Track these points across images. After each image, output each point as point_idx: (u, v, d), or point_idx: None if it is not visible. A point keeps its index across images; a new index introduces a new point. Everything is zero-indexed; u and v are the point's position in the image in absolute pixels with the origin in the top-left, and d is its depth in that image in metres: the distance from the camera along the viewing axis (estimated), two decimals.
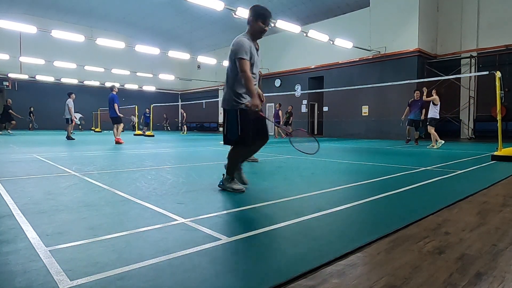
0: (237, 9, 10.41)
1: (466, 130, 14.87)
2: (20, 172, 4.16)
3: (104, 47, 20.63)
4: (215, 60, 20.67)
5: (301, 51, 19.07)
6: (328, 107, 18.17)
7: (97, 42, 15.69)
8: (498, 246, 1.73)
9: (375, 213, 2.39)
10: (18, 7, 21.74)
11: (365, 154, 7.20)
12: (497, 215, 2.32)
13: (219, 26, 22.96)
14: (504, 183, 3.67)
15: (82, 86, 25.72)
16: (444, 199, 2.79)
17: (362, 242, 1.73)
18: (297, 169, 4.77)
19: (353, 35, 15.69)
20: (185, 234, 1.86)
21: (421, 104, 10.22)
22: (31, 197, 2.75)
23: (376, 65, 15.91)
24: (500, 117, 6.05)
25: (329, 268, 1.45)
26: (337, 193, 3.05)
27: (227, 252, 1.60)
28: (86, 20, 22.63)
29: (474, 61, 14.60)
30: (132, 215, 2.25)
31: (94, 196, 2.82)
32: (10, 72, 22.73)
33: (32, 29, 13.70)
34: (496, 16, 14.05)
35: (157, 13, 22.67)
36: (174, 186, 3.31)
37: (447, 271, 1.42)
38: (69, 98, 12.00)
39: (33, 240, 1.72)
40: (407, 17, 14.74)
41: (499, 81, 5.95)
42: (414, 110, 10.31)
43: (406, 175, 4.13)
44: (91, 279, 1.30)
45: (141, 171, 4.34)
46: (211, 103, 28.13)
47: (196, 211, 2.32)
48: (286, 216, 2.23)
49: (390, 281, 1.32)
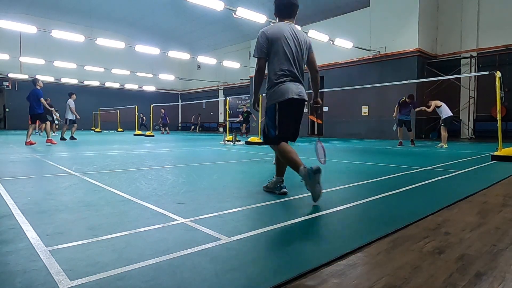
0: (237, 9, 10.41)
1: (466, 130, 14.87)
2: (20, 172, 4.16)
3: (104, 47, 20.62)
4: (215, 60, 20.67)
5: None
6: (328, 107, 18.16)
7: (97, 42, 15.69)
8: (498, 246, 1.73)
9: (375, 213, 2.39)
10: (18, 7, 21.74)
11: (365, 154, 7.20)
12: (497, 215, 2.32)
13: (219, 26, 22.96)
14: (504, 183, 3.66)
15: (82, 86, 25.74)
16: (444, 199, 2.79)
17: (362, 242, 1.73)
18: None
19: (353, 35, 15.69)
20: (185, 234, 1.86)
21: (412, 107, 10.38)
22: (31, 197, 2.75)
23: (376, 65, 15.91)
24: (500, 117, 6.05)
25: (329, 268, 1.45)
26: (337, 193, 3.05)
27: (227, 252, 1.60)
28: (86, 20, 22.62)
29: (474, 61, 14.60)
30: (132, 215, 2.25)
31: (94, 196, 2.82)
32: (10, 72, 22.75)
33: (32, 29, 13.71)
34: (496, 16, 14.05)
35: (157, 13, 22.67)
36: (174, 186, 3.31)
37: (447, 271, 1.42)
38: (70, 98, 11.93)
39: (33, 240, 1.72)
40: (407, 17, 14.74)
41: (499, 81, 5.94)
42: (405, 112, 10.41)
43: (406, 175, 4.13)
44: (91, 279, 1.29)
45: (141, 171, 4.34)
46: (211, 103, 28.14)
47: (196, 211, 2.32)
48: (286, 216, 2.23)
49: (390, 281, 1.32)
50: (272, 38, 2.75)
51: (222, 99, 25.15)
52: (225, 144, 10.60)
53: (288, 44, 2.77)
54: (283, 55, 2.76)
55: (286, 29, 2.80)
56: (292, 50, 2.78)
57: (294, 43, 2.79)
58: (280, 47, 2.75)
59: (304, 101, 2.86)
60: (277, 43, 2.75)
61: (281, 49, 2.75)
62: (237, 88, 26.19)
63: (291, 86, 2.76)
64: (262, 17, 11.23)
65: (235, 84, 26.45)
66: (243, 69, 23.34)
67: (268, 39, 2.76)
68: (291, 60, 2.77)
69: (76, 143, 10.13)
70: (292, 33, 2.80)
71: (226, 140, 11.17)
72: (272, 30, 2.79)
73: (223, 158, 6.29)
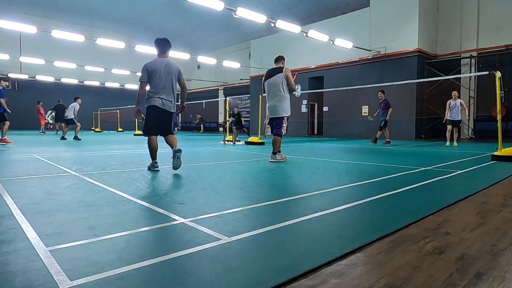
0: (237, 9, 10.40)
1: (466, 130, 14.87)
2: (20, 172, 4.16)
3: (104, 47, 20.59)
4: (215, 60, 20.66)
5: (301, 51, 19.06)
6: (328, 107, 18.16)
7: (97, 42, 15.68)
8: (498, 246, 1.73)
9: (375, 213, 2.39)
10: (18, 7, 21.75)
11: (365, 154, 7.20)
12: (497, 215, 2.32)
13: (219, 26, 22.97)
14: (504, 183, 3.67)
15: (82, 86, 25.74)
16: (444, 199, 2.79)
17: (362, 242, 1.73)
18: (297, 169, 4.78)
19: (353, 35, 15.69)
20: (185, 234, 1.86)
21: (384, 104, 10.66)
22: (31, 197, 2.75)
23: (376, 65, 15.91)
24: (500, 117, 6.05)
25: (329, 268, 1.45)
26: (337, 193, 3.05)
27: (227, 252, 1.60)
28: (86, 20, 22.63)
29: (474, 61, 14.60)
30: (132, 215, 2.25)
31: (94, 196, 2.82)
32: (10, 72, 22.74)
33: (32, 29, 13.69)
34: (496, 16, 14.05)
35: (157, 13, 22.68)
36: (174, 186, 3.31)
37: (447, 271, 1.42)
38: (75, 102, 11.80)
39: (33, 240, 1.72)
40: (407, 17, 14.74)
41: (499, 81, 5.95)
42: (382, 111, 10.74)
43: (406, 175, 4.13)
44: (91, 279, 1.29)
45: (141, 171, 4.34)
46: (211, 103, 28.14)
47: (196, 211, 2.32)
48: (286, 216, 2.23)
49: (390, 281, 1.32)
50: (150, 70, 4.20)
51: (222, 99, 25.16)
52: (225, 144, 10.60)
53: (160, 73, 4.21)
54: (157, 80, 4.21)
55: (160, 63, 4.26)
56: (162, 76, 4.21)
57: (165, 72, 4.23)
58: (156, 75, 4.20)
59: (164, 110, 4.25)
60: (153, 73, 4.20)
61: (156, 76, 4.20)
62: (237, 88, 26.20)
63: (157, 99, 4.21)
64: (262, 17, 11.22)
65: (235, 84, 26.46)
66: (243, 69, 23.33)
67: (148, 70, 4.20)
68: (161, 83, 4.21)
69: (76, 143, 10.13)
70: (165, 65, 4.26)
71: (226, 140, 11.17)
72: (151, 64, 4.24)
73: (223, 158, 6.30)
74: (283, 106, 5.57)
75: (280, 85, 5.54)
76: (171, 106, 4.28)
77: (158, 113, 4.22)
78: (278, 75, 5.57)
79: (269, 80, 5.67)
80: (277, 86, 5.55)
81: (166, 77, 4.23)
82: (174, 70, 4.30)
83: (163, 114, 4.26)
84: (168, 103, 4.25)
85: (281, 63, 5.72)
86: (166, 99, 4.23)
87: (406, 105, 14.83)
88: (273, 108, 5.64)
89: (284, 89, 5.56)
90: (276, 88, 5.58)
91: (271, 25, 12.05)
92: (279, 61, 5.74)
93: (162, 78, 4.20)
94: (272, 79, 5.62)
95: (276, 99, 5.59)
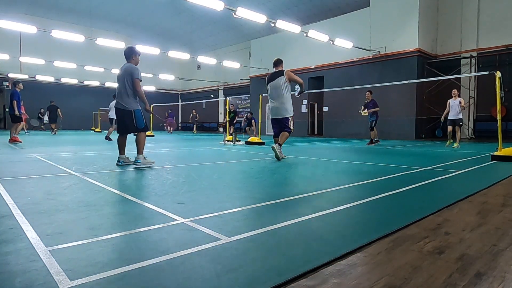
0: (237, 9, 10.40)
1: (466, 130, 14.87)
2: (20, 172, 4.16)
3: (104, 47, 20.56)
4: (215, 60, 20.66)
5: (301, 51, 19.06)
6: (328, 107, 18.16)
7: (97, 42, 15.68)
8: (498, 246, 1.73)
9: (375, 213, 2.39)
10: (18, 7, 21.75)
11: (365, 154, 7.20)
12: (497, 215, 2.32)
13: (219, 26, 22.98)
14: (504, 183, 3.67)
15: (82, 86, 25.75)
16: (444, 199, 2.79)
17: (362, 242, 1.73)
18: (297, 169, 4.78)
19: (353, 35, 15.69)
20: (185, 234, 1.86)
21: (372, 104, 10.67)
22: (31, 197, 2.75)
23: (376, 65, 15.91)
24: (500, 117, 6.05)
25: (329, 268, 1.45)
26: (337, 193, 3.05)
27: (227, 252, 1.60)
28: (86, 20, 22.63)
29: (474, 61, 14.60)
30: (132, 215, 2.25)
31: (94, 196, 2.82)
32: (10, 72, 22.74)
33: (32, 29, 13.69)
34: (496, 16, 14.05)
35: (157, 13, 22.68)
36: (174, 186, 3.31)
37: (447, 271, 1.42)
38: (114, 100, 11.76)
39: (33, 240, 1.72)
40: (407, 17, 14.74)
41: (499, 81, 5.95)
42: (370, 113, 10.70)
43: (406, 175, 4.13)
44: (91, 279, 1.29)
45: (141, 171, 4.34)
46: (211, 103, 28.15)
47: (196, 211, 2.32)
48: (286, 216, 2.23)
49: (390, 281, 1.33)
50: (118, 75, 4.99)
51: (222, 99, 25.15)
52: (225, 144, 10.60)
53: (119, 78, 4.94)
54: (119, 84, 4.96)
55: (120, 69, 5.01)
56: (119, 80, 4.92)
57: (121, 76, 4.90)
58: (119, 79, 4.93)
59: (122, 109, 4.88)
60: (118, 78, 4.98)
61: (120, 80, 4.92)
62: (237, 88, 26.20)
63: (117, 102, 4.93)
64: (262, 17, 11.22)
65: (235, 84, 26.46)
66: (243, 69, 23.33)
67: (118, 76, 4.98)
68: (120, 86, 4.91)
69: (76, 143, 10.13)
70: (122, 70, 4.96)
71: (226, 140, 11.17)
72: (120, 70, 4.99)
73: (223, 158, 6.29)
74: (287, 107, 5.94)
75: (282, 88, 5.89)
76: (126, 106, 4.82)
77: (120, 113, 4.92)
78: (279, 78, 5.93)
79: (272, 83, 6.04)
80: (279, 89, 5.92)
81: (121, 81, 4.90)
82: (125, 73, 4.85)
83: (122, 113, 4.88)
84: (123, 105, 4.86)
85: (280, 67, 6.07)
86: (120, 102, 4.88)
87: (406, 105, 14.83)
88: (277, 110, 6.00)
89: (286, 91, 5.92)
90: (279, 90, 5.93)
91: (271, 25, 12.05)
92: (278, 64, 6.09)
93: (119, 82, 4.92)
94: (274, 82, 5.98)
95: (279, 101, 5.95)
